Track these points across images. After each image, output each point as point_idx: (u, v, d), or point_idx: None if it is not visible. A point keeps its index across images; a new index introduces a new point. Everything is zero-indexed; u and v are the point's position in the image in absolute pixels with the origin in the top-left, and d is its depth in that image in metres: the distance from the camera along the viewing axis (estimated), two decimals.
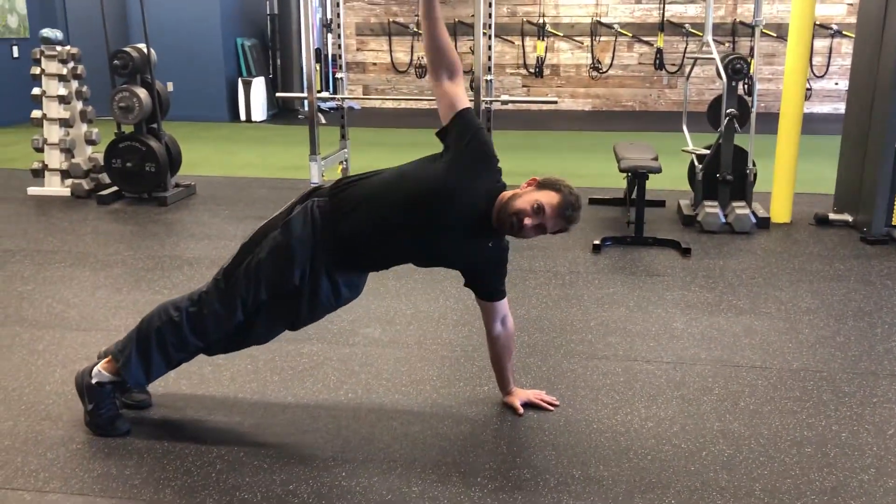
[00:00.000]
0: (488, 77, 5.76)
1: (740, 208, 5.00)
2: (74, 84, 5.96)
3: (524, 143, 8.60)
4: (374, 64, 12.05)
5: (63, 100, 5.84)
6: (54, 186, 5.96)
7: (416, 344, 3.26)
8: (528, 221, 2.33)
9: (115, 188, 5.79)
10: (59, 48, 5.80)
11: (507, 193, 2.40)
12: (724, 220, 5.01)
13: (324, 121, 10.32)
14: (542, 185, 2.42)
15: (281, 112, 11.06)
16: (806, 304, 3.72)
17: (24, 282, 4.01)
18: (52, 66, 5.81)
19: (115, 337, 2.66)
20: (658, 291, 3.91)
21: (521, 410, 2.67)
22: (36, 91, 5.88)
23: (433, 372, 3.00)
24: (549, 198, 2.36)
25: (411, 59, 11.76)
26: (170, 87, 10.25)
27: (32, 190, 5.97)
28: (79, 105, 6.00)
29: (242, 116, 10.29)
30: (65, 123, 5.87)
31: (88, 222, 5.21)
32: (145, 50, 5.61)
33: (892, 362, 3.10)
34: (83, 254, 4.49)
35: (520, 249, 4.60)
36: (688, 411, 2.71)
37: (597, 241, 4.63)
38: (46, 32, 5.83)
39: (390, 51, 11.91)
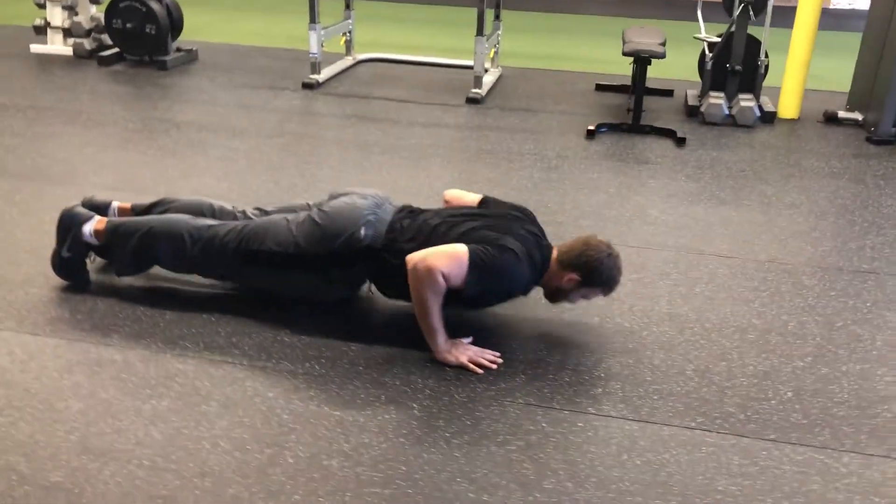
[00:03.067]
0: None
1: (746, 101, 4.85)
2: None
3: (540, 25, 8.33)
4: None
5: None
6: (57, 45, 5.92)
7: None
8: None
9: (116, 49, 5.73)
10: None
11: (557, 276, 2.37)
12: (727, 112, 4.87)
13: None
14: (587, 280, 2.34)
15: None
16: (790, 199, 3.66)
17: (13, 136, 4.05)
18: None
19: (93, 192, 2.69)
20: (642, 179, 3.86)
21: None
22: None
23: None
24: (595, 294, 2.42)
25: None
26: None
27: (35, 48, 5.94)
28: None
29: None
30: None
31: (87, 82, 5.19)
32: None
33: (860, 259, 3.06)
34: (76, 112, 4.51)
35: (510, 132, 4.53)
36: (640, 293, 2.72)
37: (591, 127, 4.54)
38: None
39: None
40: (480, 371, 2.23)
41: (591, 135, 4.52)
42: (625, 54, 4.63)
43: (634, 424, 2.04)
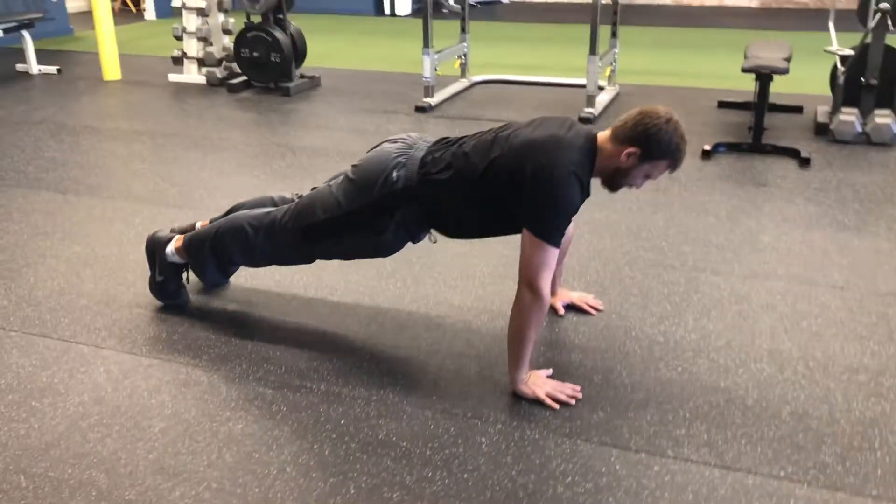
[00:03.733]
0: None
1: (882, 117, 4.50)
2: None
3: (663, 39, 8.08)
4: None
5: None
6: (192, 74, 6.29)
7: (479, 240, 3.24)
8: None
9: (244, 77, 6.03)
10: None
11: (614, 154, 2.18)
12: (861, 129, 4.53)
13: (449, 9, 10.19)
14: (648, 151, 2.14)
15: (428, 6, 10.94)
16: None
17: (141, 160, 4.32)
18: None
19: (204, 216, 2.82)
20: (757, 202, 3.64)
21: (562, 311, 2.62)
22: None
23: (486, 268, 2.98)
24: (660, 170, 2.22)
25: None
26: None
27: (172, 77, 6.34)
28: None
29: (387, 10, 10.29)
30: (201, 12, 6.13)
31: (214, 109, 5.48)
32: None
33: None
34: (200, 137, 4.76)
35: None
36: (740, 327, 2.55)
37: (707, 147, 4.34)
38: None
39: None
40: (557, 406, 2.15)
41: (707, 155, 4.32)
42: (745, 70, 4.40)
43: (716, 471, 1.90)
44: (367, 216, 2.31)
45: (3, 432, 2.05)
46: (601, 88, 5.73)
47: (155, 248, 2.65)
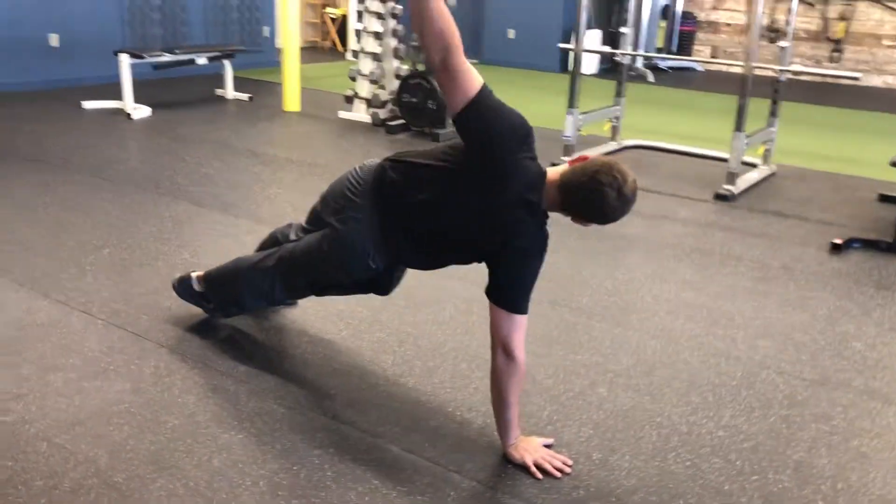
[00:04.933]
0: (784, 43, 5.23)
1: None
2: (392, 22, 6.60)
3: (849, 122, 7.55)
4: (728, 24, 11.31)
5: (377, 36, 6.52)
6: (360, 113, 6.73)
7: (554, 302, 3.24)
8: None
9: (403, 120, 6.37)
10: None
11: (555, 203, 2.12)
12: None
13: (651, 78, 10.10)
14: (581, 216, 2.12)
15: (615, 67, 10.95)
16: None
17: (278, 186, 4.71)
18: (374, 5, 6.51)
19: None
20: (867, 307, 3.34)
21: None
22: (358, 26, 6.65)
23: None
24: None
25: (770, 23, 10.81)
26: (511, 34, 10.77)
27: (343, 114, 6.82)
28: (392, 42, 6.65)
29: (570, 67, 10.39)
30: (376, 57, 6.57)
31: (367, 146, 5.84)
32: None
33: None
34: (339, 171, 5.07)
35: (743, 234, 4.20)
36: (778, 432, 2.37)
37: (838, 241, 4.03)
38: None
39: (748, 11, 11.06)
40: (540, 476, 2.12)
41: (836, 248, 4.01)
42: (893, 164, 4.07)
43: None
44: (355, 285, 2.52)
45: (49, 404, 2.34)
46: (753, 166, 5.49)
47: (183, 289, 2.86)
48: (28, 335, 2.74)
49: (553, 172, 2.13)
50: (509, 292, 2.10)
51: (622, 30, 5.88)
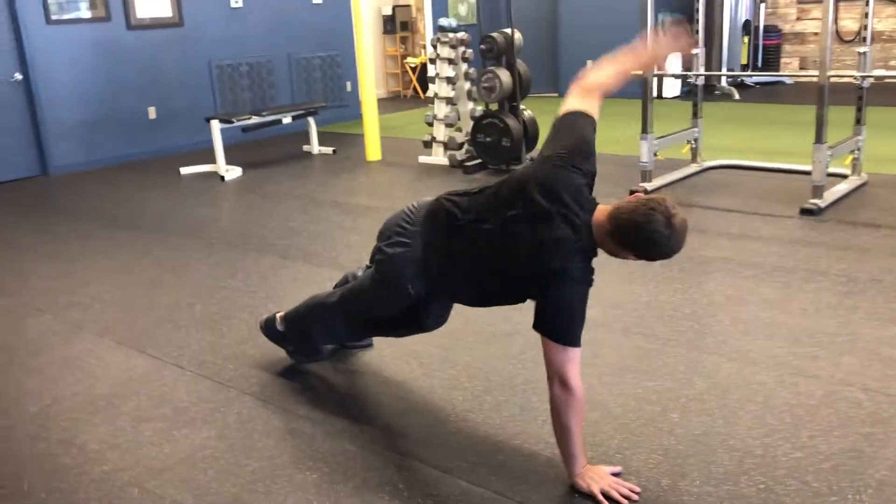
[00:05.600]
0: (863, 49, 5.08)
1: None
2: (464, 66, 6.77)
3: None
4: (815, 34, 10.97)
5: (450, 80, 6.69)
6: (438, 156, 6.89)
7: (627, 329, 3.22)
8: None
9: (479, 160, 6.47)
10: (450, 35, 6.65)
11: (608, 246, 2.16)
12: None
13: (736, 96, 9.88)
14: (636, 254, 2.12)
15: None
16: None
17: (359, 233, 4.86)
18: (445, 51, 6.69)
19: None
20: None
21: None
22: (431, 72, 6.84)
23: (611, 360, 2.96)
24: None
25: (860, 29, 10.43)
26: (589, 64, 10.77)
27: (423, 159, 6.99)
28: (466, 85, 6.80)
29: (654, 92, 10.29)
30: (450, 101, 6.73)
31: (443, 187, 5.81)
32: (510, 33, 6.13)
33: None
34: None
35: (829, 249, 4.07)
36: (861, 451, 2.28)
37: None
38: (442, 21, 6.72)
39: (835, 18, 10.71)
40: None
41: None
42: None
43: None
44: (402, 315, 2.56)
45: (142, 453, 2.50)
46: (843, 178, 5.29)
47: (268, 331, 3.02)
48: (125, 390, 2.94)
49: (602, 207, 2.17)
50: (557, 321, 2.13)
51: (693, 51, 5.81)
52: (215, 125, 6.69)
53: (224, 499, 2.24)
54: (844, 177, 5.32)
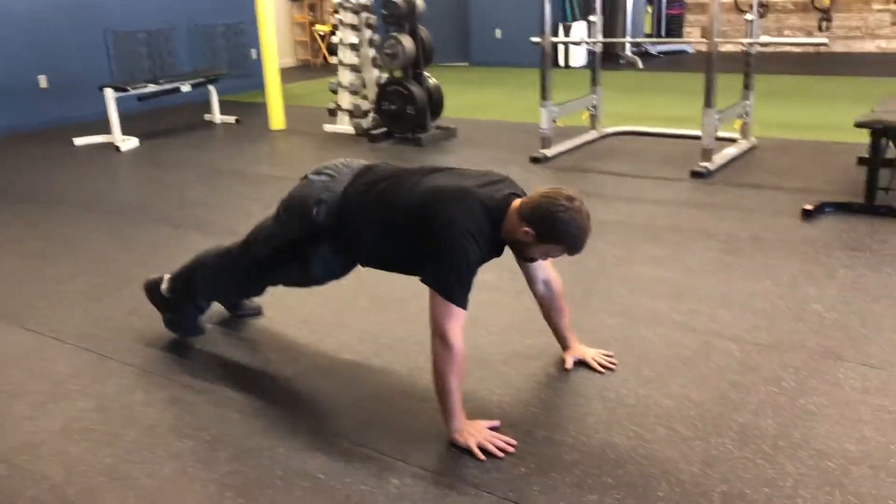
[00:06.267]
0: (750, 17, 5.24)
1: None
2: (368, 32, 6.68)
3: (828, 89, 7.49)
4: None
5: (354, 47, 6.60)
6: (343, 125, 6.82)
7: (506, 292, 3.27)
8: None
9: (385, 128, 6.44)
10: (353, 0, 6.55)
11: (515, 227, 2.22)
12: None
13: (640, 65, 10.08)
14: (542, 235, 2.19)
15: (608, 56, 10.96)
16: None
17: (256, 201, 4.78)
18: (348, 17, 6.59)
19: None
20: (832, 269, 3.34)
21: (570, 365, 2.61)
22: (334, 38, 6.75)
23: (507, 319, 3.01)
24: (557, 252, 2.28)
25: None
26: (498, 33, 10.82)
27: (328, 127, 6.90)
28: (370, 52, 6.73)
29: (561, 62, 10.42)
30: (355, 68, 6.65)
31: (349, 157, 5.89)
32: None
33: None
34: None
35: (714, 209, 4.22)
36: (725, 397, 2.39)
37: (808, 206, 4.03)
38: None
39: None
40: (483, 457, 2.16)
41: (808, 215, 4.01)
42: (857, 125, 4.06)
43: None
44: (294, 250, 2.49)
45: (13, 427, 2.42)
46: (733, 142, 5.48)
47: (150, 289, 2.96)
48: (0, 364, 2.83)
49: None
50: (442, 273, 2.14)
51: (591, 18, 5.89)
52: (109, 93, 6.45)
53: (98, 470, 2.19)
54: (734, 141, 5.51)
